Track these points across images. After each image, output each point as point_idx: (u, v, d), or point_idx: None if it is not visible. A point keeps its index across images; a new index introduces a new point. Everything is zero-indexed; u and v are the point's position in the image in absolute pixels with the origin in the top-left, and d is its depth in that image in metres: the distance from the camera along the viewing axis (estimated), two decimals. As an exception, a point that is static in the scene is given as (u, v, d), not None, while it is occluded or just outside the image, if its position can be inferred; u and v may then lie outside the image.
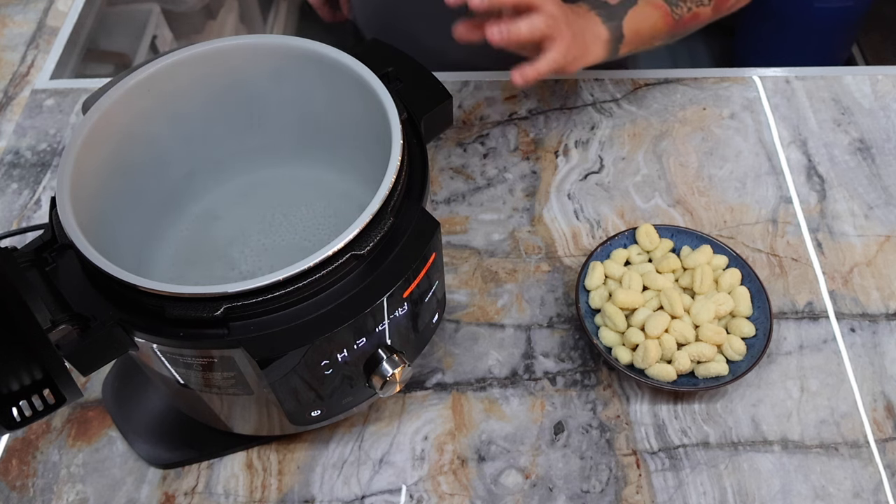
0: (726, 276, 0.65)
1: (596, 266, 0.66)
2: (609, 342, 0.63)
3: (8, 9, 0.98)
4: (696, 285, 0.64)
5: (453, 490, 0.59)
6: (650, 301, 0.64)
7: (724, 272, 0.66)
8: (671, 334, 0.62)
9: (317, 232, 0.62)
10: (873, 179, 0.75)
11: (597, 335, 0.64)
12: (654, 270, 0.66)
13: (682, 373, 0.62)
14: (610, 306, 0.64)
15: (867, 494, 0.58)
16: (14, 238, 0.65)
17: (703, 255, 0.66)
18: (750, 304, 0.64)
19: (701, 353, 0.61)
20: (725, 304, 0.63)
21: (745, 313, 0.64)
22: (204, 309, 0.44)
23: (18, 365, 0.41)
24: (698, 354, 0.61)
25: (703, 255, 0.66)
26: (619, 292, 0.64)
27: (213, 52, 0.56)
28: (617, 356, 0.63)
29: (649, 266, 0.67)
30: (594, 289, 0.66)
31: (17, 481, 0.60)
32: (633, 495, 0.58)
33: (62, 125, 0.84)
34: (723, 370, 0.61)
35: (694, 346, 0.62)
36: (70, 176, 0.49)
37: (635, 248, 0.68)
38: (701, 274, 0.64)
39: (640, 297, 0.64)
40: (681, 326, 0.62)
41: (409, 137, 0.52)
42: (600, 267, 0.67)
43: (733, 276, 0.65)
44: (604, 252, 0.68)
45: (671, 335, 0.62)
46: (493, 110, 0.82)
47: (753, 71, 0.84)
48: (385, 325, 0.50)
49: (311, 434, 0.62)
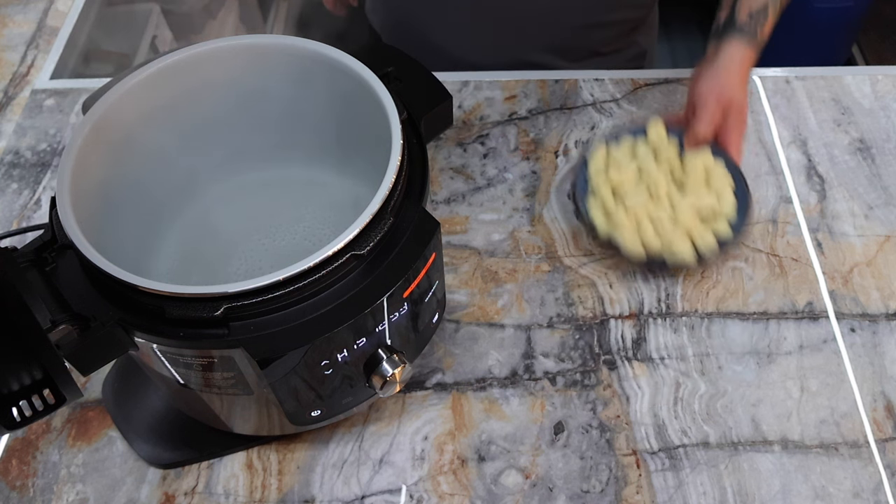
0: (717, 178, 0.69)
1: (602, 146, 0.72)
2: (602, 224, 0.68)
3: (8, 9, 0.98)
4: (687, 180, 0.69)
5: (453, 490, 0.59)
6: (640, 186, 0.69)
7: (716, 174, 0.69)
8: (649, 213, 0.67)
9: (317, 232, 0.62)
10: (873, 179, 0.75)
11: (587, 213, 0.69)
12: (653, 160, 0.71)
13: (651, 251, 0.66)
14: (602, 184, 0.69)
15: (867, 494, 0.58)
16: (14, 238, 0.65)
17: (700, 156, 0.70)
18: (733, 208, 0.68)
19: (673, 237, 0.66)
20: (708, 201, 0.67)
21: (726, 214, 0.68)
22: (204, 309, 0.44)
23: (18, 365, 0.41)
24: (670, 238, 0.66)
25: (700, 156, 0.70)
26: (613, 170, 0.69)
27: (214, 52, 0.56)
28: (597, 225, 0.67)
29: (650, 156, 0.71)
30: (595, 165, 0.71)
31: (17, 481, 0.60)
32: (633, 495, 0.58)
33: (62, 125, 0.84)
34: (690, 258, 0.65)
35: (668, 229, 0.66)
36: (70, 176, 0.49)
37: (643, 141, 0.72)
38: (693, 170, 0.68)
39: (631, 178, 0.69)
40: (660, 208, 0.67)
41: (409, 137, 0.52)
42: (604, 148, 0.72)
43: (724, 179, 0.69)
44: (613, 134, 0.73)
45: (648, 214, 0.67)
46: (493, 110, 0.82)
47: (753, 71, 0.84)
48: (385, 325, 0.50)
49: (311, 434, 0.62)
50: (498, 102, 0.82)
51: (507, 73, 0.84)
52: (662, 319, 0.67)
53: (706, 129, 0.70)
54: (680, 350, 0.65)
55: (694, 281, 0.69)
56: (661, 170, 0.70)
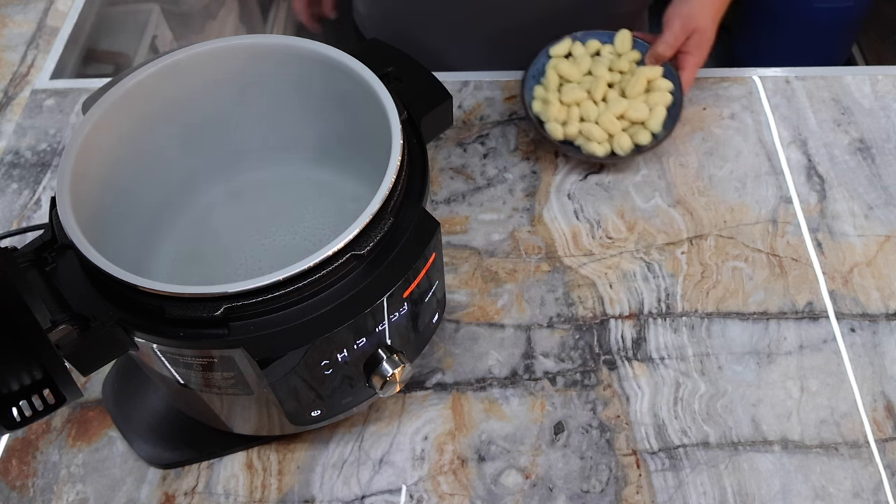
0: (657, 93, 0.74)
1: (567, 41, 0.77)
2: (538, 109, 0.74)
3: (8, 9, 0.98)
4: (627, 87, 0.74)
5: (453, 490, 0.59)
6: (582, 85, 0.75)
7: (657, 89, 0.74)
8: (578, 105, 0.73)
9: (317, 232, 0.62)
10: (873, 179, 0.75)
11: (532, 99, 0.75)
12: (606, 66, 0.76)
13: (568, 135, 0.73)
14: (551, 71, 0.75)
15: (867, 494, 0.58)
16: (14, 238, 0.65)
17: (649, 71, 0.74)
18: (660, 123, 0.73)
19: (592, 130, 0.72)
20: (638, 112, 0.73)
21: (652, 128, 0.73)
22: (204, 309, 0.44)
23: (18, 365, 0.41)
24: (590, 130, 0.72)
25: (649, 71, 0.74)
26: (563, 63, 0.75)
27: (214, 52, 0.56)
28: (531, 104, 0.75)
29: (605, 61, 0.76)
30: (555, 55, 0.77)
31: (17, 481, 0.60)
32: (633, 495, 0.58)
33: (62, 125, 0.84)
34: (601, 152, 0.72)
35: (591, 123, 0.72)
36: (70, 176, 0.49)
37: (609, 48, 0.78)
38: (636, 82, 0.73)
39: (577, 73, 0.75)
40: (589, 105, 0.73)
41: (409, 137, 0.52)
42: (568, 43, 0.78)
43: (663, 97, 0.74)
44: (584, 37, 0.78)
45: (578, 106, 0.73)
46: (493, 110, 0.82)
47: (753, 71, 0.84)
48: (385, 325, 0.50)
49: (311, 434, 0.62)
50: (498, 102, 0.82)
51: (507, 73, 0.84)
52: (662, 319, 0.67)
53: (665, 48, 0.74)
54: (680, 350, 0.65)
55: (694, 281, 0.69)
56: (610, 77, 0.75)
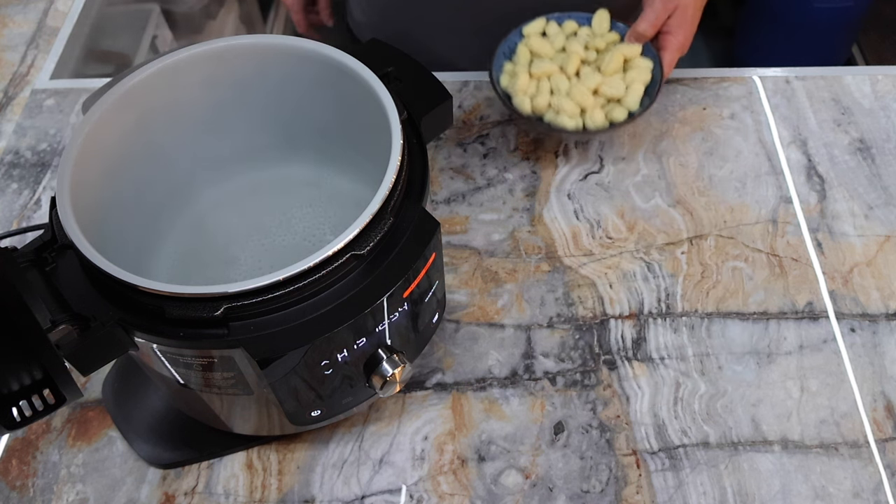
0: (635, 71, 0.72)
1: (542, 20, 0.75)
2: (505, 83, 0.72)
3: (8, 9, 0.98)
4: (603, 63, 0.71)
5: (453, 490, 0.59)
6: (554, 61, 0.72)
7: (635, 68, 0.72)
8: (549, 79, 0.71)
9: (317, 232, 0.62)
10: (873, 179, 0.75)
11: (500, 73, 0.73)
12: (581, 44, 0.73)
13: (537, 108, 0.70)
14: (522, 47, 0.73)
15: (867, 494, 0.58)
16: (14, 238, 0.65)
17: (626, 48, 0.72)
18: (637, 101, 0.71)
19: (562, 103, 0.69)
20: (613, 88, 0.70)
21: (629, 105, 0.71)
22: (204, 309, 0.44)
23: (18, 365, 0.41)
24: (560, 103, 0.69)
25: (626, 48, 0.72)
26: (537, 39, 0.73)
27: (213, 52, 0.56)
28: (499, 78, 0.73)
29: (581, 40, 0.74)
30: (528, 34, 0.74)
31: (17, 481, 0.60)
32: (633, 495, 0.58)
33: (62, 125, 0.84)
34: (570, 126, 0.69)
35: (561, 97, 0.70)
36: (70, 176, 0.49)
37: (587, 29, 0.75)
38: (612, 60, 0.71)
39: (550, 50, 0.72)
40: (561, 78, 0.70)
41: (409, 137, 0.52)
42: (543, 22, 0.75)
43: (640, 74, 0.71)
44: (562, 17, 0.76)
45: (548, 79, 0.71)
46: (493, 110, 0.82)
47: (753, 71, 0.84)
48: (385, 325, 0.50)
49: (311, 434, 0.62)
50: (498, 102, 0.82)
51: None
52: (662, 319, 0.67)
53: (646, 27, 0.72)
54: (680, 350, 0.65)
55: (694, 281, 0.69)
56: (585, 54, 0.73)
